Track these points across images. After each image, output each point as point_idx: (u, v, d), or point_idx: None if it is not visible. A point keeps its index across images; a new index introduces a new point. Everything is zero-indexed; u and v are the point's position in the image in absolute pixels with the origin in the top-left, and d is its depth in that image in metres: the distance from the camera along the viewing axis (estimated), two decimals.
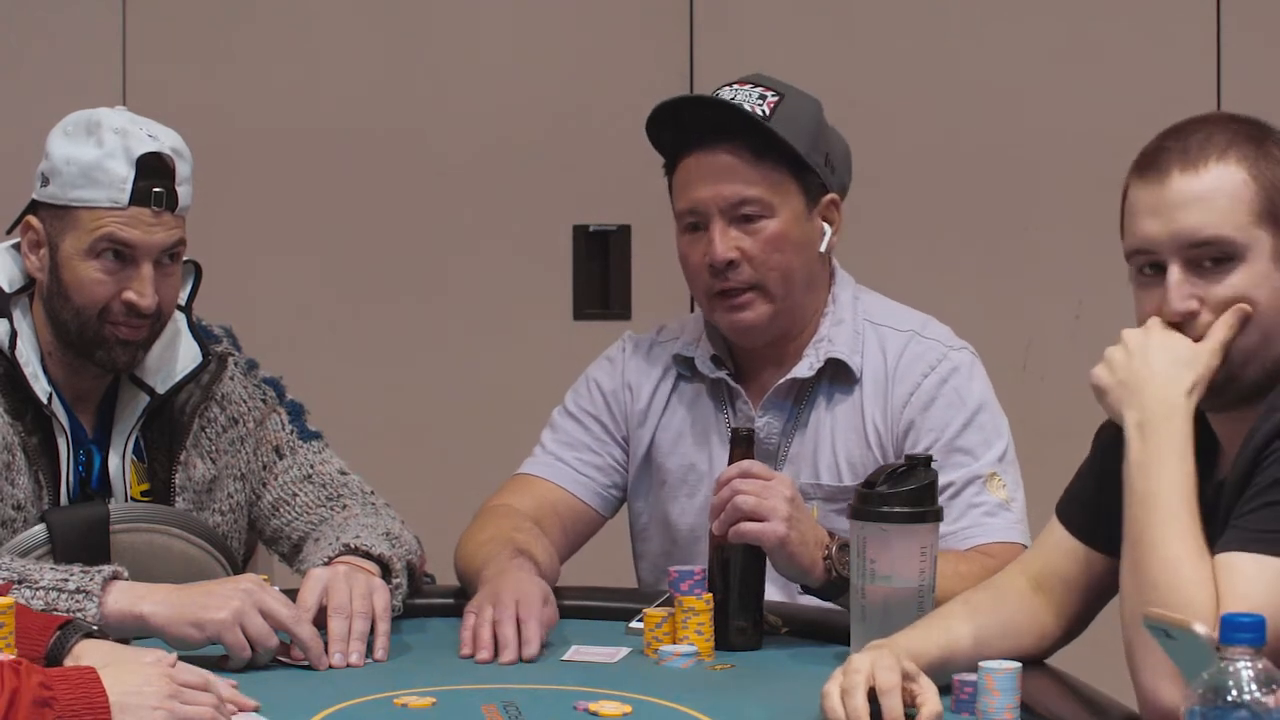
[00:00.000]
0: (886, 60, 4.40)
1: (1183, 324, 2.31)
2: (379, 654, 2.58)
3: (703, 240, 2.94)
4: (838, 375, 2.96)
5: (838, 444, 2.94)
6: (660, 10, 4.45)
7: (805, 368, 2.96)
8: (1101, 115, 4.43)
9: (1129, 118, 4.34)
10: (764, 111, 2.91)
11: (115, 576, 2.53)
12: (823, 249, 2.97)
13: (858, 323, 2.98)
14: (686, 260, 2.98)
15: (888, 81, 4.37)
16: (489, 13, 4.45)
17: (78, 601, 2.49)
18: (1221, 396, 2.32)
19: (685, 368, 3.04)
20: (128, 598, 2.51)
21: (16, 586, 2.49)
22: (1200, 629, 1.91)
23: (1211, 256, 2.30)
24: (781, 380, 2.96)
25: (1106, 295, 2.67)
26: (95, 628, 2.39)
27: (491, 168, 4.44)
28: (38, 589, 2.50)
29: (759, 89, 2.95)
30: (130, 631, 2.50)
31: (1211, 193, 2.29)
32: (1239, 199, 2.29)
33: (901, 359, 2.95)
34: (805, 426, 2.96)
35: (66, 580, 2.51)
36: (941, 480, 2.86)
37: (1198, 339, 2.30)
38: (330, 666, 2.54)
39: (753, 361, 3.01)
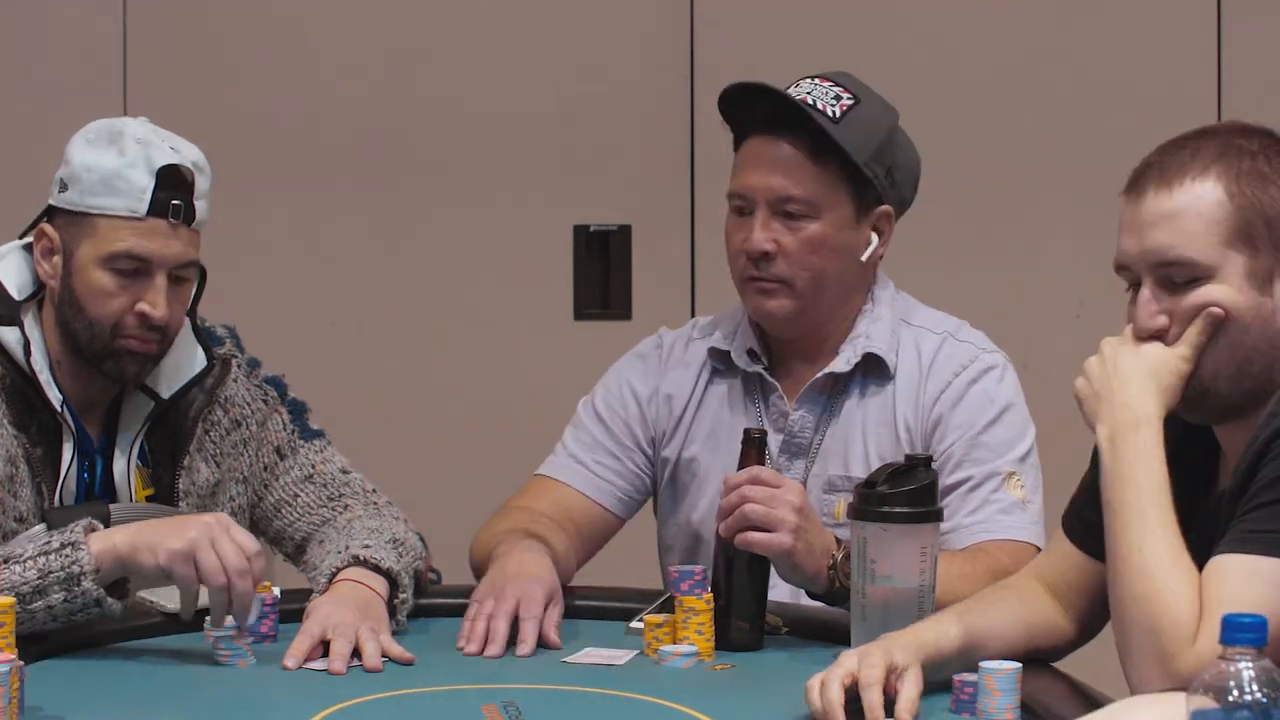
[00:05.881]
0: (886, 60, 4.39)
1: (1158, 338, 2.33)
2: (370, 663, 2.54)
3: (746, 225, 2.94)
4: (871, 370, 2.96)
5: (869, 437, 2.94)
6: (660, 10, 4.45)
7: (843, 363, 2.95)
8: (1101, 116, 4.43)
9: (1129, 118, 4.37)
10: (834, 113, 2.90)
11: (91, 528, 2.57)
12: (864, 258, 2.96)
13: (895, 322, 2.99)
14: (728, 239, 2.97)
15: (888, 81, 4.35)
16: (489, 13, 4.45)
17: (68, 556, 2.53)
18: (1198, 410, 2.34)
19: (720, 361, 3.03)
20: (105, 538, 2.57)
21: (5, 565, 2.51)
22: None
23: (1180, 276, 2.30)
24: (819, 375, 2.96)
25: (1107, 295, 2.67)
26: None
27: (492, 168, 4.44)
28: (26, 561, 2.53)
29: (837, 89, 2.94)
30: (113, 572, 2.56)
31: (1181, 212, 2.29)
32: (1210, 220, 2.28)
33: (935, 359, 2.96)
34: (838, 420, 2.96)
35: (49, 543, 2.55)
36: (960, 474, 2.89)
37: None
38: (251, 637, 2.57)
39: (786, 356, 3.00)
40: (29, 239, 2.85)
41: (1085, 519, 2.45)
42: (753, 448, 2.70)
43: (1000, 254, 4.46)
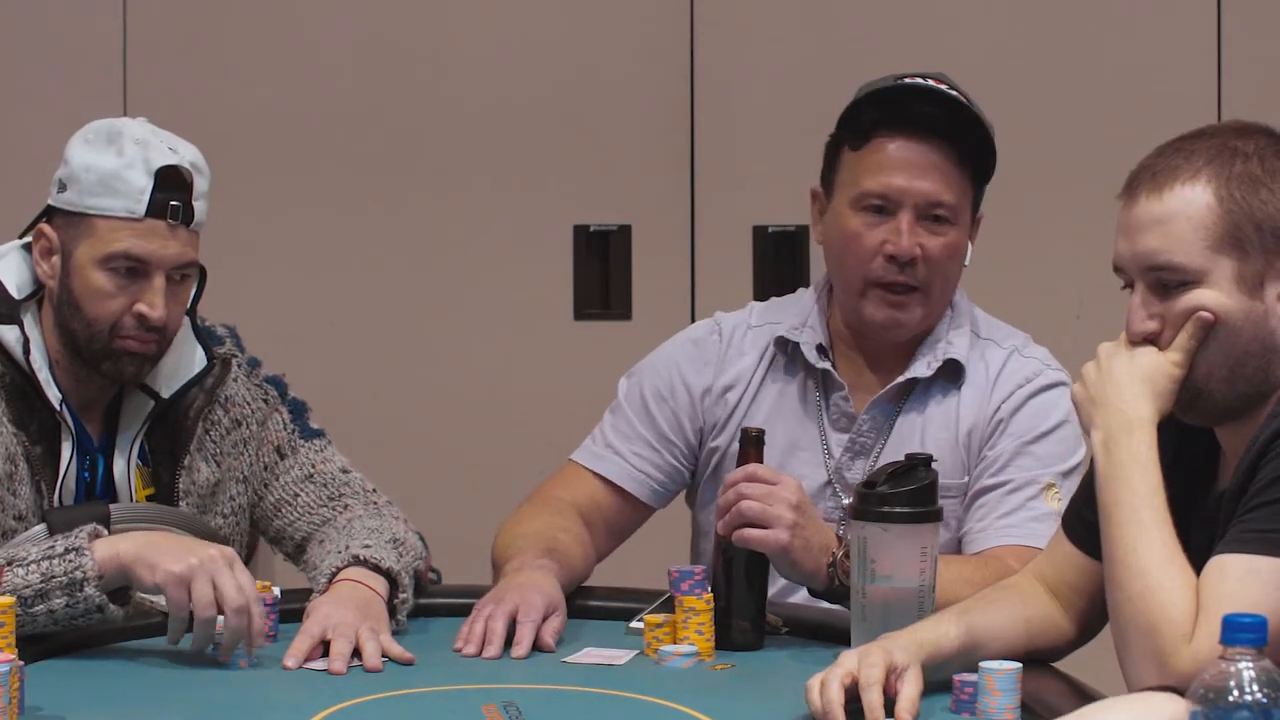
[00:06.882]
0: (887, 60, 4.37)
1: (1151, 342, 2.34)
2: (370, 663, 2.53)
3: (883, 226, 2.90)
4: (941, 376, 2.95)
5: (927, 441, 2.91)
6: (660, 10, 4.45)
7: (923, 367, 2.94)
8: (1101, 115, 4.42)
9: (1129, 118, 4.36)
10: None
11: (96, 534, 2.57)
12: (966, 263, 2.98)
13: (970, 332, 2.98)
14: (857, 239, 2.91)
15: None
16: (489, 13, 4.45)
17: (71, 561, 2.53)
18: (1192, 412, 2.35)
19: (783, 352, 2.99)
20: (110, 545, 2.56)
21: (8, 568, 2.51)
22: None
23: (1169, 280, 2.31)
24: (899, 380, 2.93)
25: (1107, 295, 2.67)
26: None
27: (491, 167, 4.44)
28: (29, 564, 2.53)
29: (955, 93, 2.93)
30: (116, 579, 2.55)
31: (1171, 217, 2.30)
32: (1198, 225, 2.29)
33: (1003, 371, 2.95)
34: (902, 422, 2.94)
35: (53, 547, 2.55)
36: (1002, 477, 2.88)
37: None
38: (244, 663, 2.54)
39: (858, 355, 2.98)
40: (29, 239, 2.85)
41: (1086, 520, 2.45)
42: (750, 446, 2.69)
43: (1000, 254, 4.45)
